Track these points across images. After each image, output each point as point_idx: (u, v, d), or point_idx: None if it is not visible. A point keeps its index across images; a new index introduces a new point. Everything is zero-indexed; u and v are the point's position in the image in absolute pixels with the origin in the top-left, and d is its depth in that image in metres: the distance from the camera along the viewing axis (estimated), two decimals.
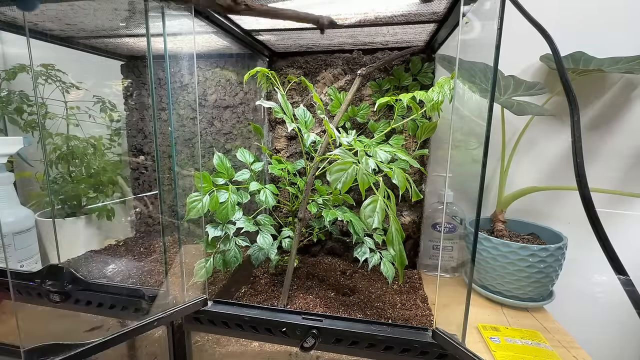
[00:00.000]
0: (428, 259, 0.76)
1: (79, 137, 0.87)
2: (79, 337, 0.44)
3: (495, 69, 0.37)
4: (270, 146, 0.82)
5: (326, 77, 0.76)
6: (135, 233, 0.95)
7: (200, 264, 0.56)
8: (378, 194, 0.44)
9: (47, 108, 0.86)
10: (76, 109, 0.89)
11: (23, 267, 0.71)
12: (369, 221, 0.42)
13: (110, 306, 0.52)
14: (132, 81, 0.88)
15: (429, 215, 0.76)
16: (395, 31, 0.65)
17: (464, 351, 0.39)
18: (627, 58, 0.63)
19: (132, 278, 0.67)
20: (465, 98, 0.56)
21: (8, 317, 0.62)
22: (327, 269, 0.73)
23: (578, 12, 0.68)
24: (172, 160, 0.53)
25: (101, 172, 0.87)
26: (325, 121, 0.53)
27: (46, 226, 0.80)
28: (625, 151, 0.71)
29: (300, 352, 0.47)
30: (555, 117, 0.73)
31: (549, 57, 0.69)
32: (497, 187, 0.72)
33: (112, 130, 0.92)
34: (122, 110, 0.90)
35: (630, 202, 0.71)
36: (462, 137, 0.49)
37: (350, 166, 0.44)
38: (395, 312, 0.58)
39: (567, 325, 0.59)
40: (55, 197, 0.83)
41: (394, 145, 0.68)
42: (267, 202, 0.59)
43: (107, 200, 0.88)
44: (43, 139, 0.81)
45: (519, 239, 0.66)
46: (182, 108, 0.86)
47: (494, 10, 0.35)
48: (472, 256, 0.46)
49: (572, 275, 0.72)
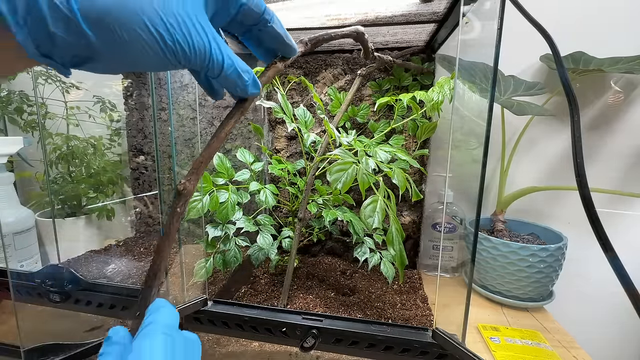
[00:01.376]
0: (428, 259, 0.76)
1: (79, 137, 0.87)
2: (78, 337, 0.44)
3: (495, 69, 0.37)
4: (270, 146, 0.82)
5: (326, 77, 0.76)
6: (135, 233, 0.95)
7: (200, 264, 0.56)
8: (378, 194, 0.44)
9: (47, 108, 0.86)
10: (76, 109, 0.89)
11: (23, 267, 0.71)
12: (369, 221, 0.42)
13: (110, 306, 0.52)
14: (132, 81, 0.88)
15: (429, 215, 0.76)
16: (395, 31, 0.65)
17: (464, 351, 0.39)
18: (627, 58, 0.63)
19: (132, 278, 0.67)
20: (466, 98, 0.56)
21: (8, 317, 0.62)
22: (327, 269, 0.73)
23: (578, 12, 0.68)
24: (172, 160, 0.53)
25: (101, 172, 0.87)
26: (325, 121, 0.53)
27: (46, 226, 0.80)
28: (625, 151, 0.71)
29: (300, 352, 0.47)
30: (555, 117, 0.73)
31: (549, 57, 0.69)
32: (497, 187, 0.72)
33: (112, 130, 0.92)
34: (122, 110, 0.90)
35: (631, 202, 0.71)
36: (462, 137, 0.49)
37: (350, 166, 0.44)
38: (395, 312, 0.58)
39: (567, 325, 0.59)
40: (55, 197, 0.83)
41: (393, 145, 0.68)
42: (267, 202, 0.59)
43: (107, 200, 0.88)
44: (43, 139, 0.81)
45: (519, 239, 0.66)
46: (182, 108, 0.86)
47: (494, 10, 0.35)
48: (472, 256, 0.46)
49: (572, 275, 0.73)
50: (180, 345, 0.23)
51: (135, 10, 0.19)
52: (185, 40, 0.21)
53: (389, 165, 0.50)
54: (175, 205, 0.26)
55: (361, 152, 0.49)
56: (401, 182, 0.47)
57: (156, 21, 0.20)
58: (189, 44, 0.21)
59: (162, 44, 0.20)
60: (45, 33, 0.18)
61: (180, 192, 0.26)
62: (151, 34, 0.20)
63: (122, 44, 0.20)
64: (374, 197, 0.44)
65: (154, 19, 0.20)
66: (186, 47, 0.21)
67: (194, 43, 0.22)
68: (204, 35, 0.22)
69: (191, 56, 0.22)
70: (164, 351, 0.21)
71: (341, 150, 0.47)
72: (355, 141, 0.59)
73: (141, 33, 0.20)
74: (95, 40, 0.19)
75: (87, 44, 0.19)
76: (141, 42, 0.20)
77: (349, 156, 0.46)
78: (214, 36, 0.23)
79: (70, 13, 0.18)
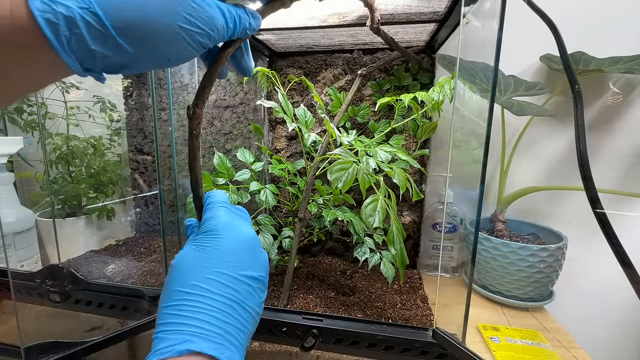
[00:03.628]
0: (428, 259, 0.76)
1: (79, 137, 0.87)
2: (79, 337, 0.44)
3: (496, 69, 0.37)
4: (271, 146, 0.82)
5: (326, 77, 0.76)
6: (135, 233, 0.95)
7: None
8: (379, 194, 0.44)
9: (47, 108, 0.86)
10: (76, 109, 0.89)
11: (23, 267, 0.71)
12: (370, 220, 0.42)
13: (110, 306, 0.52)
14: (132, 81, 0.88)
15: (429, 215, 0.76)
16: (396, 31, 0.65)
17: (464, 351, 0.39)
18: (627, 58, 0.63)
19: (132, 278, 0.67)
20: (466, 98, 0.56)
21: (8, 317, 0.62)
22: (327, 269, 0.73)
23: (578, 12, 0.68)
24: (172, 160, 0.53)
25: (101, 172, 0.87)
26: (326, 121, 0.53)
27: (46, 226, 0.80)
28: (626, 151, 0.71)
29: (301, 352, 0.47)
30: (555, 117, 0.73)
31: (549, 57, 0.69)
32: (497, 187, 0.72)
33: (112, 130, 0.92)
34: (122, 110, 0.90)
35: (631, 202, 0.71)
36: (462, 137, 0.49)
37: (351, 165, 0.44)
38: (396, 312, 0.58)
39: (567, 325, 0.59)
40: (55, 197, 0.83)
41: (394, 145, 0.68)
42: (267, 202, 0.59)
43: (107, 200, 0.88)
44: (43, 139, 0.81)
45: (519, 239, 0.66)
46: (182, 108, 0.86)
47: (494, 10, 0.36)
48: (472, 256, 0.46)
49: (572, 275, 0.73)
50: (234, 209, 0.33)
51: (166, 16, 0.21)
52: (207, 25, 0.23)
53: (390, 165, 0.50)
54: (191, 129, 0.32)
55: (362, 152, 0.49)
56: (402, 182, 0.47)
57: (184, 19, 0.22)
58: (210, 27, 0.24)
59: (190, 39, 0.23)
60: (87, 51, 0.20)
61: (191, 117, 0.32)
62: (185, 33, 0.22)
63: (157, 48, 0.22)
64: (374, 196, 0.44)
65: (183, 18, 0.22)
66: (210, 30, 0.24)
67: (214, 23, 0.24)
68: (217, 11, 0.24)
69: (214, 35, 0.24)
70: (225, 213, 0.32)
71: (342, 149, 0.47)
72: (356, 141, 0.59)
73: (175, 35, 0.22)
74: (132, 51, 0.21)
75: (125, 54, 0.22)
76: (176, 42, 0.22)
77: (349, 155, 0.46)
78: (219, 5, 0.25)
79: (105, 30, 0.20)
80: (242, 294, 0.28)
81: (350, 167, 0.43)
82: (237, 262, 0.29)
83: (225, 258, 0.28)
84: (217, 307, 0.26)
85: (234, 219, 0.32)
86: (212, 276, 0.27)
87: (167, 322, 0.26)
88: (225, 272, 0.28)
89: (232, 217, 0.32)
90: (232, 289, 0.28)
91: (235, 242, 0.30)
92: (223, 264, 0.28)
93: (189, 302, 0.26)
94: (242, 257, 0.29)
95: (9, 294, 0.53)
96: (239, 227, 0.31)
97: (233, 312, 0.27)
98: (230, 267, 0.28)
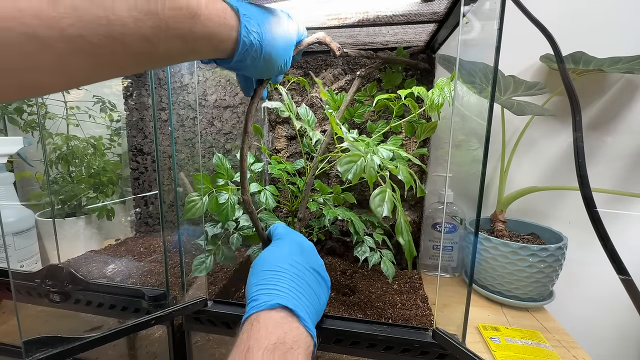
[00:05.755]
0: (428, 259, 0.76)
1: (79, 137, 0.87)
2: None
3: (496, 69, 0.37)
4: (270, 146, 0.82)
5: (326, 77, 0.76)
6: (135, 233, 0.95)
7: (199, 259, 0.56)
8: (386, 186, 0.44)
9: (47, 108, 0.86)
10: (76, 109, 0.89)
11: (23, 267, 0.71)
12: (379, 210, 0.42)
13: (110, 306, 0.52)
14: (132, 81, 0.88)
15: (429, 215, 0.76)
16: (396, 31, 0.65)
17: (464, 351, 0.39)
18: (627, 58, 0.63)
19: (132, 278, 0.67)
20: (466, 98, 0.56)
21: (8, 317, 0.62)
22: (327, 268, 0.72)
23: (578, 12, 0.68)
24: (172, 160, 0.53)
25: (101, 172, 0.87)
26: (332, 117, 0.53)
27: (46, 226, 0.80)
28: (625, 151, 0.71)
29: None
30: (555, 117, 0.73)
31: (549, 57, 0.69)
32: (497, 187, 0.72)
33: (112, 130, 0.92)
34: (122, 110, 0.90)
35: (631, 202, 0.71)
36: (462, 137, 0.49)
37: (359, 158, 0.44)
38: (396, 312, 0.58)
39: (567, 325, 0.59)
40: (55, 197, 0.83)
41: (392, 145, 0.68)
42: (267, 203, 0.59)
43: (107, 200, 0.88)
44: (43, 139, 0.81)
45: (519, 239, 0.66)
46: (182, 108, 0.86)
47: (494, 11, 0.35)
48: (472, 256, 0.46)
49: (572, 275, 0.73)
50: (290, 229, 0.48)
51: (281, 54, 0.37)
52: (286, 64, 0.39)
53: (393, 163, 0.50)
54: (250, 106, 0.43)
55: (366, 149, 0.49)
56: (406, 178, 0.47)
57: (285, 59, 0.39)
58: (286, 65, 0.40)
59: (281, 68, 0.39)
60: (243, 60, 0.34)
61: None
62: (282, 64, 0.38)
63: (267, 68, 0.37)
64: (382, 187, 0.44)
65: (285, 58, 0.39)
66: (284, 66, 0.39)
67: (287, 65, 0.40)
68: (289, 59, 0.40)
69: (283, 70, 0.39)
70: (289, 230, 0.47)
71: (349, 143, 0.48)
72: (359, 139, 0.59)
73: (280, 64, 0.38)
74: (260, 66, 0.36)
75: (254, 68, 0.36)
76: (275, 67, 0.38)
77: (357, 148, 0.46)
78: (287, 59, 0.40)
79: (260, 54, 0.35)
80: (311, 280, 0.38)
81: (359, 159, 0.44)
82: (305, 257, 0.41)
83: (296, 252, 0.41)
84: (295, 282, 0.36)
85: (295, 233, 0.46)
86: (290, 262, 0.38)
87: (258, 290, 0.35)
88: (298, 262, 0.39)
89: (294, 232, 0.46)
90: (304, 273, 0.38)
91: (302, 244, 0.43)
92: (296, 256, 0.40)
93: (274, 277, 0.36)
94: (308, 256, 0.42)
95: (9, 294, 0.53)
96: (301, 237, 0.46)
97: (306, 289, 0.37)
98: (301, 259, 0.40)
